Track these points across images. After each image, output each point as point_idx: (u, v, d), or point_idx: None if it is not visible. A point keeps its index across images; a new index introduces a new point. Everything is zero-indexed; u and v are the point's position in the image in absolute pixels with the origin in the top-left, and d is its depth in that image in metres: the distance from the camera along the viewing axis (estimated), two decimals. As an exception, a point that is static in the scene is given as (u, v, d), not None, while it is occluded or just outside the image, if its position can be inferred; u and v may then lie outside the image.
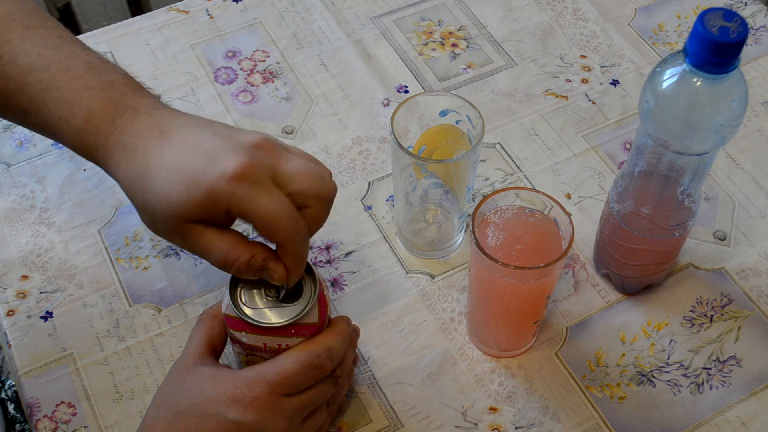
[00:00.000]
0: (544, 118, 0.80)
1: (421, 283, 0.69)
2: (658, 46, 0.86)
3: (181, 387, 0.53)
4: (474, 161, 0.63)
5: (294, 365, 0.52)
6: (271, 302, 0.53)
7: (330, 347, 0.54)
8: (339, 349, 0.55)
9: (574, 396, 0.63)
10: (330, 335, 0.54)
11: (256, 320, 0.52)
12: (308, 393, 0.54)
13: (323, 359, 0.53)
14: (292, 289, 0.53)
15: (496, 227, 0.59)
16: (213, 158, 0.49)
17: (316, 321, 0.54)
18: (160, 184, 0.49)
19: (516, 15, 0.88)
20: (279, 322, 0.52)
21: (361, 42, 0.86)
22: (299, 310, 0.53)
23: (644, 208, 0.60)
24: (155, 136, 0.51)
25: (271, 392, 0.51)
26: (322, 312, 0.54)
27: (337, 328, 0.55)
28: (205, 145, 0.50)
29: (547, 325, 0.67)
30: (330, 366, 0.54)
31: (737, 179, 0.75)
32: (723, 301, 0.68)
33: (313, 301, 0.53)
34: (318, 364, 0.53)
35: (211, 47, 0.85)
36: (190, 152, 0.49)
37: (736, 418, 0.62)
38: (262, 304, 0.53)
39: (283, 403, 0.52)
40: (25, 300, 0.68)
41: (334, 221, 0.73)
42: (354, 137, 0.78)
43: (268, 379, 0.52)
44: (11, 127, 0.80)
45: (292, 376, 0.52)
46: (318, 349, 0.53)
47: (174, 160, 0.49)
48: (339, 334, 0.55)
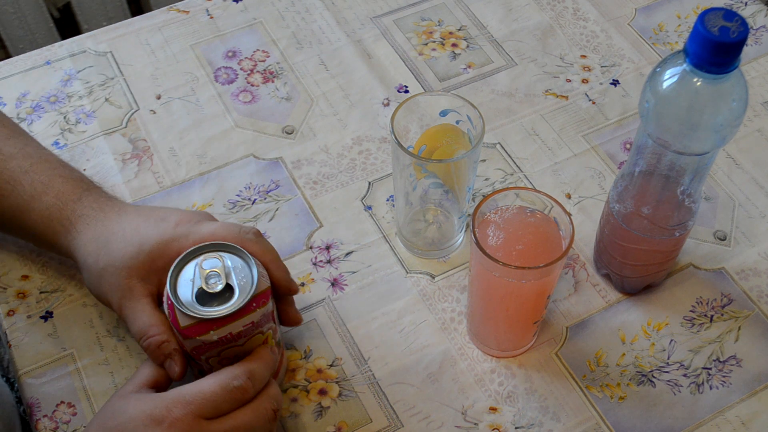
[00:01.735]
0: (544, 118, 0.80)
1: (421, 283, 0.69)
2: (658, 46, 0.86)
3: (110, 411, 0.53)
4: (474, 161, 0.63)
5: (213, 386, 0.52)
6: (214, 296, 0.54)
7: (251, 370, 0.54)
8: (261, 372, 0.54)
9: (574, 396, 0.63)
10: (252, 360, 0.55)
11: (217, 314, 0.53)
12: (231, 419, 0.52)
13: (243, 380, 0.53)
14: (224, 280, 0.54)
15: (496, 227, 0.59)
16: (162, 220, 0.59)
17: (268, 285, 0.55)
18: (116, 244, 0.58)
19: (516, 15, 0.88)
20: (239, 303, 0.53)
21: (361, 42, 0.86)
22: (249, 286, 0.54)
23: (644, 208, 0.60)
24: (115, 210, 0.62)
25: (190, 414, 0.51)
26: (267, 278, 0.56)
27: (259, 354, 0.56)
28: (155, 215, 0.60)
29: (547, 325, 0.67)
30: (252, 388, 0.53)
31: (737, 179, 0.75)
32: (723, 301, 0.68)
33: (255, 272, 0.54)
34: (238, 386, 0.52)
35: (211, 47, 0.86)
36: (143, 219, 0.60)
37: (736, 418, 0.62)
38: (208, 302, 0.54)
39: (202, 427, 0.51)
40: (25, 300, 0.68)
41: (334, 221, 0.73)
42: (354, 137, 0.78)
43: (187, 400, 0.51)
44: (11, 127, 0.80)
45: (211, 398, 0.52)
46: (238, 371, 0.53)
47: (129, 226, 0.59)
48: (261, 359, 0.55)
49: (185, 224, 0.59)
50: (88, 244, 0.60)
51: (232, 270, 0.55)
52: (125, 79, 0.83)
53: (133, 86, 0.82)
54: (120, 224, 0.60)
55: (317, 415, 0.62)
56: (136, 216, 0.61)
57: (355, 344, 0.66)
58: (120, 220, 0.60)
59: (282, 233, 0.72)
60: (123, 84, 0.82)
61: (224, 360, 0.55)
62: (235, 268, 0.55)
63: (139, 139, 0.78)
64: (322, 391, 0.64)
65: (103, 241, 0.59)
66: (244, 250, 0.56)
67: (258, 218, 0.73)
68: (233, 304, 0.53)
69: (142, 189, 0.75)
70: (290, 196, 0.74)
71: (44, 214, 0.62)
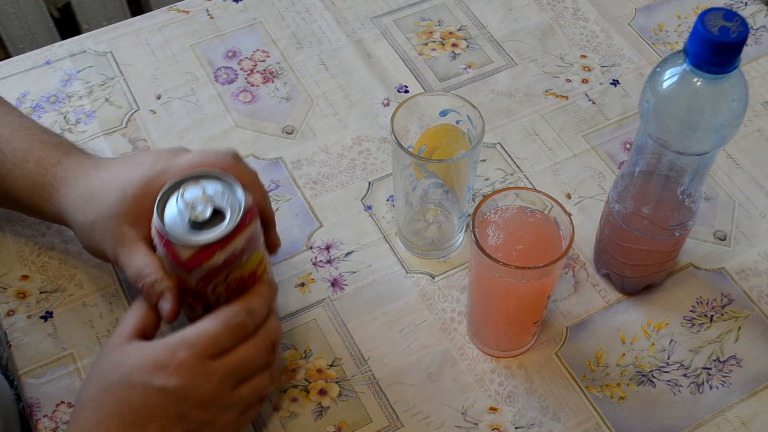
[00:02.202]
0: (544, 118, 0.80)
1: (421, 283, 0.69)
2: (658, 46, 0.86)
3: (109, 364, 0.53)
4: (474, 161, 0.63)
5: (215, 326, 0.53)
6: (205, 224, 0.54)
7: (249, 306, 0.54)
8: (259, 308, 0.55)
9: (574, 396, 0.63)
10: (249, 296, 0.55)
11: (217, 235, 0.52)
12: (235, 354, 0.53)
13: (243, 317, 0.54)
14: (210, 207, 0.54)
15: (496, 227, 0.59)
16: (140, 163, 0.59)
17: (253, 201, 0.56)
18: (101, 196, 0.59)
19: (516, 15, 0.88)
20: (235, 220, 0.53)
21: (361, 42, 0.86)
22: (238, 204, 0.54)
23: (644, 208, 0.60)
24: (93, 166, 0.62)
25: (194, 355, 0.51)
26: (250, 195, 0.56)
27: (257, 291, 0.56)
28: (132, 160, 0.61)
29: (547, 325, 0.67)
30: (251, 323, 0.54)
31: (737, 179, 0.75)
32: (723, 301, 0.68)
33: (239, 190, 0.54)
34: (239, 323, 0.53)
35: (211, 47, 0.86)
36: (122, 167, 0.60)
37: (736, 418, 0.62)
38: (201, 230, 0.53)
39: (208, 367, 0.52)
40: (25, 300, 0.68)
41: (334, 221, 0.73)
42: (354, 137, 0.78)
43: (190, 342, 0.52)
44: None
45: (213, 336, 0.52)
46: (237, 309, 0.54)
47: (110, 176, 0.60)
48: (259, 296, 0.56)
49: (162, 161, 0.59)
50: (75, 202, 0.60)
51: (218, 194, 0.54)
52: (125, 79, 0.83)
53: (133, 86, 0.82)
54: (100, 177, 0.60)
55: (317, 415, 0.62)
56: (115, 166, 0.61)
57: (355, 344, 0.66)
58: (100, 174, 0.61)
59: (282, 233, 0.72)
60: (123, 84, 0.82)
61: (231, 285, 0.55)
62: (219, 192, 0.55)
63: (139, 139, 0.78)
64: (322, 391, 0.64)
65: (88, 197, 0.60)
66: (223, 172, 0.55)
67: (258, 218, 0.73)
68: (229, 222, 0.53)
69: (142, 189, 0.75)
70: (290, 196, 0.74)
71: (27, 181, 0.62)
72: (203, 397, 0.52)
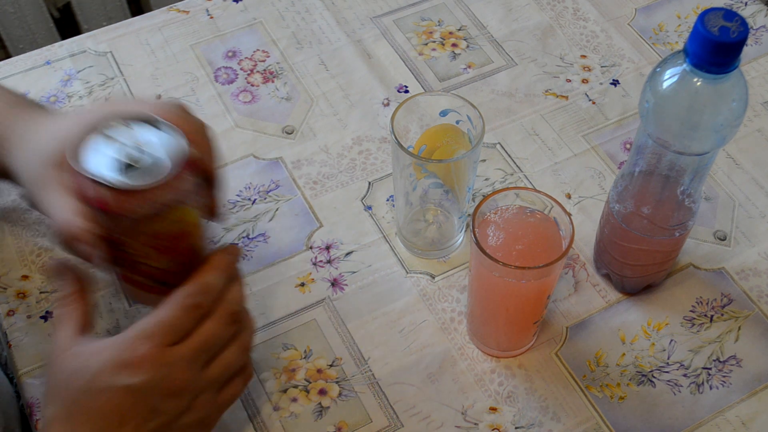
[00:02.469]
0: (544, 118, 0.80)
1: (421, 283, 0.69)
2: (658, 46, 0.86)
3: (66, 374, 0.50)
4: (474, 161, 0.63)
5: (169, 311, 0.50)
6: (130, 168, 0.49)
7: (205, 283, 0.52)
8: (215, 282, 0.52)
9: (574, 396, 0.63)
10: (204, 271, 0.52)
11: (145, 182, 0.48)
12: (196, 335, 0.51)
13: (199, 297, 0.51)
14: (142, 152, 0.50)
15: (496, 227, 0.59)
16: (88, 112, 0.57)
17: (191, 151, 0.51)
18: (46, 145, 0.55)
19: (516, 15, 0.88)
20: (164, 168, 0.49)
21: (361, 42, 0.86)
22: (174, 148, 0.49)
23: (644, 208, 0.60)
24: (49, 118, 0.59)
25: (154, 346, 0.49)
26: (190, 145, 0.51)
27: (212, 262, 0.53)
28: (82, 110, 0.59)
29: (547, 325, 0.67)
30: (209, 301, 0.52)
31: (737, 179, 0.75)
32: (723, 301, 0.68)
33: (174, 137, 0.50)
34: (193, 304, 0.51)
35: (211, 47, 0.86)
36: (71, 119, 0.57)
37: (736, 418, 0.62)
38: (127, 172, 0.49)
39: (171, 354, 0.50)
40: (25, 300, 0.68)
41: (334, 221, 0.73)
42: (354, 137, 0.78)
43: (148, 333, 0.49)
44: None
45: (171, 322, 0.50)
46: (191, 289, 0.51)
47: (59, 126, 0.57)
48: (214, 268, 0.53)
49: (108, 109, 0.56)
50: (25, 155, 0.57)
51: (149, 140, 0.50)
52: (125, 79, 0.83)
53: (133, 86, 0.82)
54: (50, 128, 0.58)
55: (317, 415, 0.62)
56: (65, 118, 0.59)
57: (355, 344, 0.66)
58: (51, 125, 0.58)
59: (282, 233, 0.72)
60: (123, 84, 0.82)
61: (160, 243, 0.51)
62: (151, 137, 0.50)
63: (139, 139, 0.78)
64: (322, 391, 0.64)
65: (36, 149, 0.57)
66: (160, 119, 0.51)
67: (258, 218, 0.73)
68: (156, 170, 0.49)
69: (142, 189, 0.75)
70: (290, 196, 0.74)
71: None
72: (172, 386, 0.50)
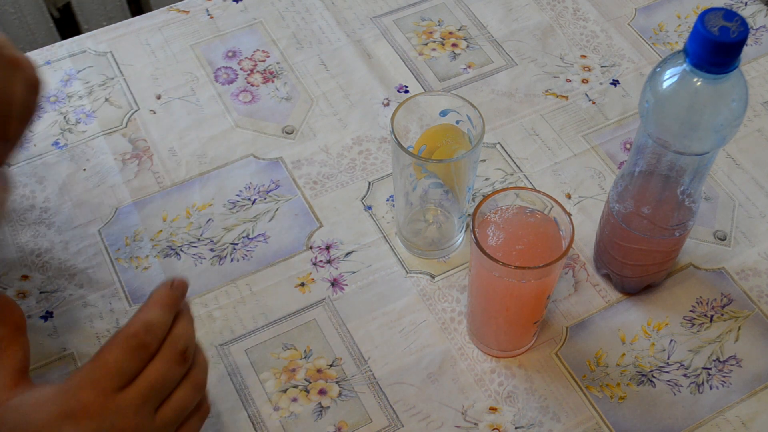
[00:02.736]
0: (544, 118, 0.80)
1: (421, 283, 0.69)
2: (658, 46, 0.86)
3: (13, 423, 0.47)
4: (474, 161, 0.63)
5: (114, 354, 0.48)
6: None
7: (148, 322, 0.49)
8: (160, 320, 0.50)
9: (574, 396, 0.63)
10: (147, 309, 0.50)
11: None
12: (143, 377, 0.48)
13: (142, 336, 0.48)
14: None
15: (496, 227, 0.59)
16: None
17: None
18: None
19: (516, 15, 0.88)
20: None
21: (361, 42, 0.86)
22: None
23: (644, 208, 0.60)
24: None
25: (101, 392, 0.47)
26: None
27: (155, 299, 0.51)
28: None
29: (547, 325, 0.67)
30: (154, 341, 0.49)
31: (737, 179, 0.75)
32: (723, 301, 0.68)
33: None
34: (138, 344, 0.48)
35: (211, 47, 0.86)
36: None
37: (736, 418, 0.62)
38: None
39: (118, 400, 0.47)
40: (25, 300, 0.68)
41: (334, 221, 0.73)
42: (354, 137, 0.78)
43: (93, 379, 0.47)
44: (11, 127, 0.80)
45: (115, 366, 0.47)
46: (133, 329, 0.49)
47: None
48: (157, 305, 0.50)
49: None
50: None
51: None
52: (125, 79, 0.83)
53: (133, 86, 0.82)
54: None
55: (317, 415, 0.62)
56: None
57: (355, 344, 0.66)
58: None
59: (282, 233, 0.72)
60: (123, 84, 0.82)
61: None
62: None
63: (139, 139, 0.78)
64: (322, 391, 0.64)
65: None
66: None
67: (258, 218, 0.73)
68: None
69: (142, 189, 0.75)
70: (290, 196, 0.74)
71: None
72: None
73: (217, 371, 0.65)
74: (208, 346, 0.66)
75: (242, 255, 0.71)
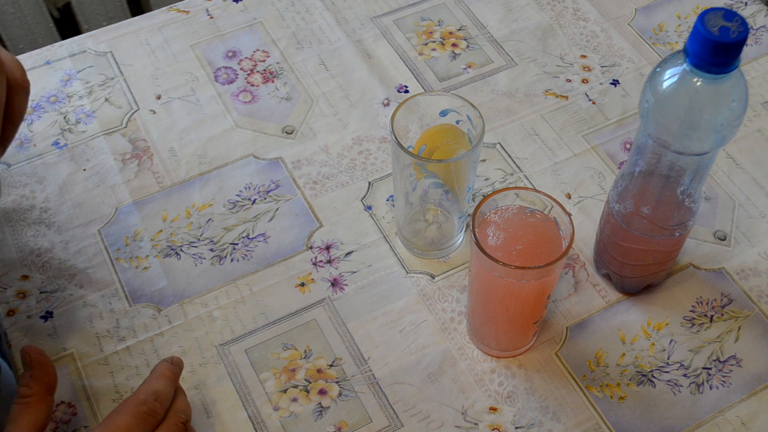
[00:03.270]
0: (544, 118, 0.80)
1: (421, 283, 0.69)
2: (658, 46, 0.86)
3: None
4: (474, 161, 0.63)
5: (125, 419, 0.53)
6: None
7: (156, 391, 0.55)
8: (165, 391, 0.56)
9: (574, 396, 0.63)
10: (153, 380, 0.56)
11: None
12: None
13: (151, 403, 0.54)
14: None
15: (496, 227, 0.59)
16: None
17: None
18: None
19: (516, 15, 0.88)
20: None
21: (361, 42, 0.86)
22: None
23: (644, 208, 0.60)
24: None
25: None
26: None
27: (160, 371, 0.57)
28: None
29: (547, 325, 0.67)
30: (161, 408, 0.55)
31: (737, 179, 0.75)
32: (723, 301, 0.68)
33: None
34: (148, 411, 0.54)
35: (211, 47, 0.86)
36: None
37: (736, 418, 0.62)
38: None
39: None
40: (25, 300, 0.68)
41: (334, 221, 0.73)
42: (354, 137, 0.78)
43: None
44: (11, 127, 0.80)
45: (125, 431, 0.52)
46: (143, 397, 0.54)
47: None
48: (162, 377, 0.57)
49: None
50: None
51: None
52: (125, 79, 0.83)
53: (133, 86, 0.82)
54: None
55: (317, 415, 0.62)
56: None
57: (355, 344, 0.66)
58: None
59: (282, 233, 0.72)
60: (123, 84, 0.82)
61: None
62: None
63: (139, 139, 0.78)
64: (322, 391, 0.64)
65: None
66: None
67: (258, 218, 0.73)
68: None
69: (142, 189, 0.75)
70: (290, 196, 0.74)
71: None
72: None
73: (217, 371, 0.65)
74: (208, 346, 0.66)
75: (242, 255, 0.71)
